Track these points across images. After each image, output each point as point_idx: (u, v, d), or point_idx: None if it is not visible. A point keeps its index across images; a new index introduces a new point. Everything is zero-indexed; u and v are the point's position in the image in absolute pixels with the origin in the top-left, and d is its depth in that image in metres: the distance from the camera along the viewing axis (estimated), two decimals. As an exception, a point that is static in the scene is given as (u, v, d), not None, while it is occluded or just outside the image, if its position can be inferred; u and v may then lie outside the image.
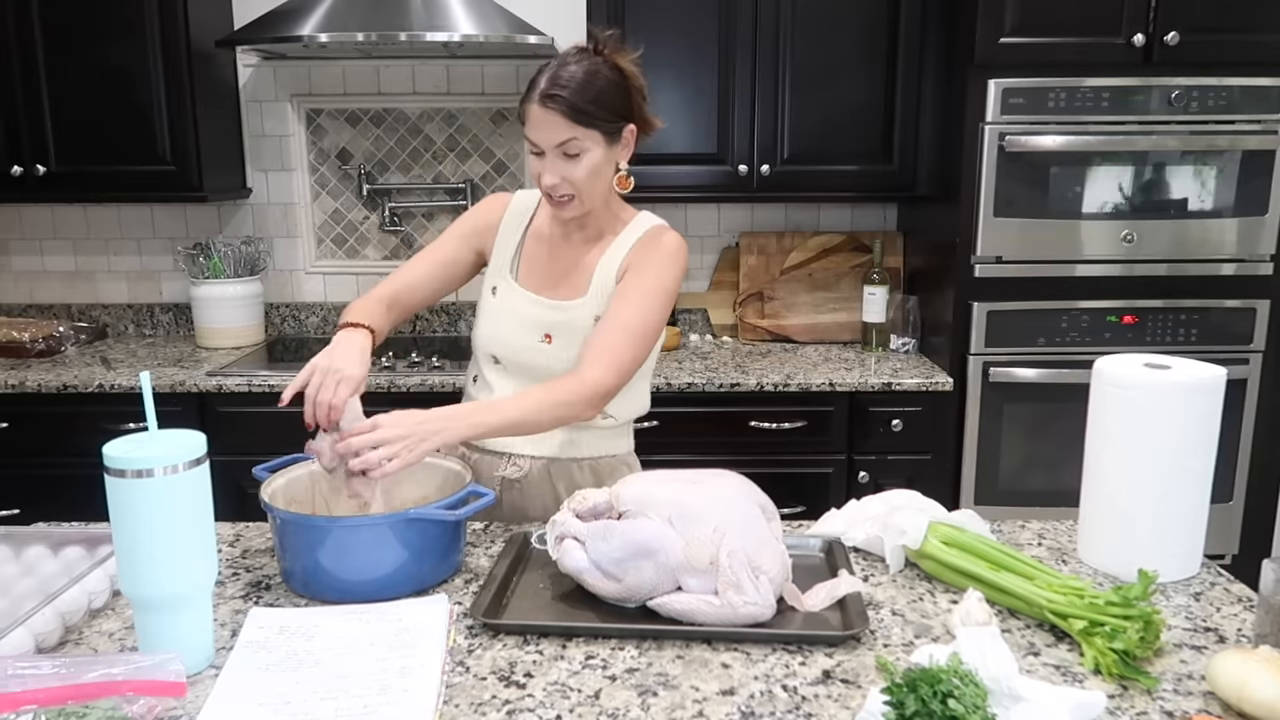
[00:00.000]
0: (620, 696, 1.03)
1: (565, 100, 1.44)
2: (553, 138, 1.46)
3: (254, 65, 3.06)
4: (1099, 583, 1.30)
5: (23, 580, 1.23)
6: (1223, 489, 2.67)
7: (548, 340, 1.60)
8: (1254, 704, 0.95)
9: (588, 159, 1.49)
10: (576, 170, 1.49)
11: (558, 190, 1.51)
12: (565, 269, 1.63)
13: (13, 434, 2.60)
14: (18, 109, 2.72)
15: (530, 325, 1.61)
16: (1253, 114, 2.51)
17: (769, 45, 2.71)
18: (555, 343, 1.59)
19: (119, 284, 3.21)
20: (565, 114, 1.45)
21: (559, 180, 1.49)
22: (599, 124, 1.48)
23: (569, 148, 1.47)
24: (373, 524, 1.25)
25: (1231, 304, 2.60)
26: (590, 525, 1.23)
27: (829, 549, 1.36)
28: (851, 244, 3.11)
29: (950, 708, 0.87)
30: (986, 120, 2.50)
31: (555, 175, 1.49)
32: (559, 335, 1.59)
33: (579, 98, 1.45)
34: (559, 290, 1.62)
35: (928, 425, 2.62)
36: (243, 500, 2.31)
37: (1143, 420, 1.27)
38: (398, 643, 1.12)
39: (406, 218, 3.16)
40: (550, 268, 1.64)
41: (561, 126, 1.45)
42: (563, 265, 1.63)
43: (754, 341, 3.08)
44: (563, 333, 1.59)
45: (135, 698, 0.94)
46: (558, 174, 1.49)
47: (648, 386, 1.73)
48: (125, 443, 1.05)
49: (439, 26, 2.57)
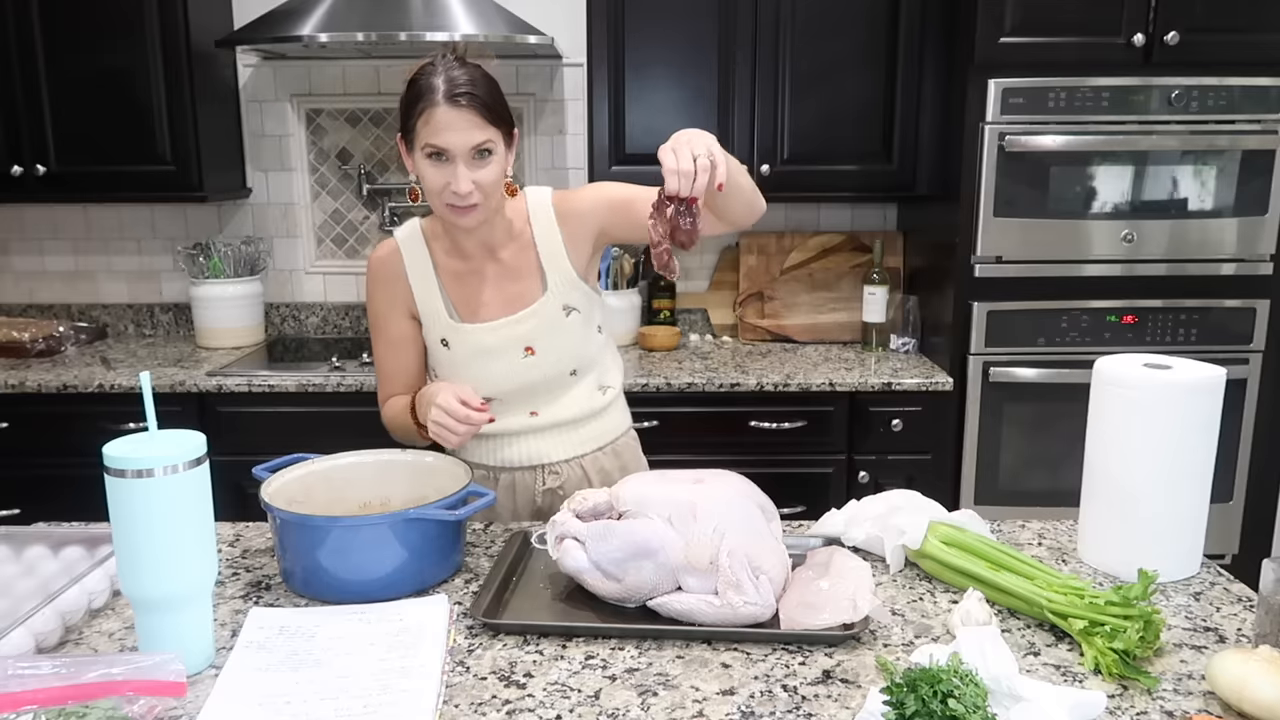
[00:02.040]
0: (620, 696, 1.03)
1: (478, 99, 1.39)
2: (468, 139, 1.39)
3: (254, 65, 3.06)
4: (1099, 583, 1.30)
5: (23, 580, 1.23)
6: (1223, 489, 2.67)
7: (530, 353, 1.57)
8: (1254, 704, 0.95)
9: (496, 160, 1.44)
10: (487, 173, 1.42)
11: (469, 198, 1.42)
12: (507, 284, 1.58)
13: (13, 434, 2.60)
14: (18, 109, 2.72)
15: (505, 350, 1.57)
16: (1253, 114, 2.51)
17: (769, 45, 2.71)
18: (539, 351, 1.58)
19: (119, 284, 3.21)
20: (480, 113, 1.39)
21: (472, 186, 1.41)
22: (502, 125, 1.44)
23: (483, 147, 1.41)
24: (373, 524, 1.25)
25: (1231, 304, 2.60)
26: (590, 525, 1.23)
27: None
28: (851, 244, 3.11)
29: (950, 708, 0.87)
30: (986, 120, 2.50)
31: (467, 181, 1.40)
32: (539, 341, 1.57)
33: (488, 95, 1.41)
34: (514, 303, 1.57)
35: (928, 425, 2.62)
36: (243, 500, 2.31)
37: (1143, 420, 1.27)
38: (398, 643, 1.13)
39: (406, 218, 3.15)
40: (491, 292, 1.58)
41: (477, 127, 1.39)
42: (502, 282, 1.58)
43: (754, 341, 3.08)
44: (540, 337, 1.57)
45: (135, 698, 0.94)
46: (470, 179, 1.41)
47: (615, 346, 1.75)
48: (125, 443, 1.05)
49: (439, 26, 2.57)
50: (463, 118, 1.39)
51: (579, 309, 1.59)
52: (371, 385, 2.54)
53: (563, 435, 1.65)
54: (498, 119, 1.43)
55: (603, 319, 1.68)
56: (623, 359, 2.78)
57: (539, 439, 1.64)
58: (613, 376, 1.70)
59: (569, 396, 1.63)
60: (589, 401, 1.65)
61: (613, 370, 1.71)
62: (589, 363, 1.64)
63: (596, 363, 1.66)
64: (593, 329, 1.64)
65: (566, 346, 1.59)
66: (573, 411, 1.64)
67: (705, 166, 1.25)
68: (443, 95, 1.39)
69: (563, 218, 1.57)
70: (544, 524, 1.32)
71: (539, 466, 1.65)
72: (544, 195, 1.60)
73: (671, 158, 1.26)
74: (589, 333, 1.62)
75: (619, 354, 1.76)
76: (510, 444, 1.65)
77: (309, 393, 2.55)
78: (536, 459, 1.65)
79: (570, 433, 1.65)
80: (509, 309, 1.58)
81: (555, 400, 1.62)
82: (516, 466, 1.65)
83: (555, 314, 1.57)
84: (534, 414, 1.63)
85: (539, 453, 1.65)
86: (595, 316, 1.64)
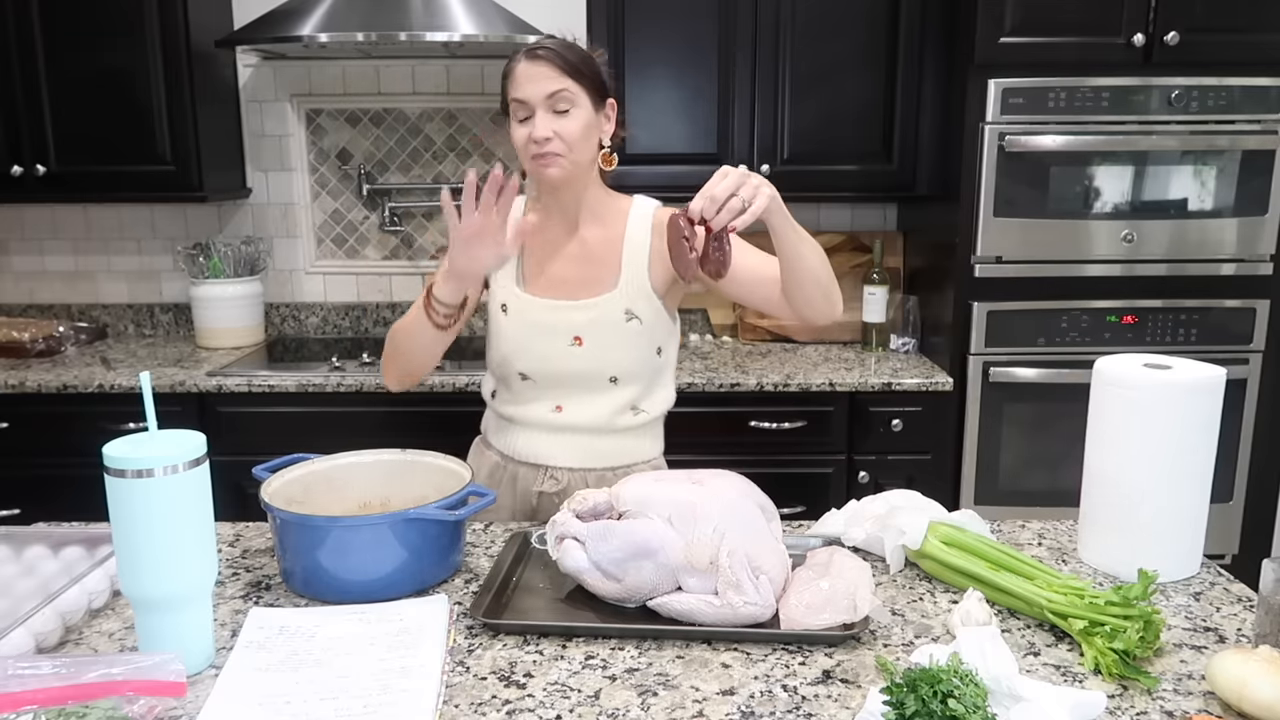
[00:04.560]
0: (620, 696, 1.03)
1: (555, 52, 1.45)
2: (544, 89, 1.45)
3: (254, 65, 3.06)
4: (1099, 583, 1.30)
5: (23, 580, 1.22)
6: (1223, 489, 2.67)
7: (578, 343, 1.56)
8: (1254, 704, 0.95)
9: (578, 114, 1.47)
10: (567, 124, 1.47)
11: (548, 146, 1.46)
12: (582, 266, 1.58)
13: (13, 434, 2.60)
14: (18, 109, 2.72)
15: (556, 332, 1.56)
16: (1253, 114, 2.51)
17: (769, 45, 2.72)
18: (587, 344, 1.56)
19: (119, 284, 3.21)
20: (556, 64, 1.45)
21: (551, 133, 1.46)
22: (586, 81, 1.48)
23: (559, 101, 1.45)
24: (373, 524, 1.25)
25: (1231, 304, 2.60)
26: (590, 525, 1.23)
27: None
28: (851, 244, 3.10)
29: (950, 708, 0.87)
30: (986, 120, 2.50)
31: (547, 129, 1.45)
32: (590, 335, 1.56)
33: (568, 52, 1.47)
34: (581, 289, 1.57)
35: (928, 425, 2.62)
36: (243, 500, 2.31)
37: (1143, 420, 1.27)
38: (398, 643, 1.12)
39: (406, 218, 3.16)
40: (564, 268, 1.59)
41: (552, 77, 1.45)
42: (577, 263, 1.58)
43: (754, 341, 3.08)
44: (593, 331, 1.56)
45: (135, 698, 0.94)
46: (550, 127, 1.46)
47: (672, 379, 1.71)
48: (125, 443, 1.05)
49: (439, 26, 2.57)
50: (538, 69, 1.45)
51: (642, 319, 1.57)
52: (371, 385, 2.54)
53: (577, 441, 1.61)
54: (577, 74, 1.47)
55: (669, 347, 1.65)
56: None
57: (551, 438, 1.62)
58: (654, 403, 1.65)
59: (598, 403, 1.60)
60: (617, 416, 1.61)
61: (658, 398, 1.66)
62: (633, 377, 1.60)
63: (641, 381, 1.62)
64: (651, 348, 1.61)
65: (615, 350, 1.57)
66: (596, 420, 1.60)
67: (735, 208, 1.27)
68: (524, 52, 1.47)
69: (659, 230, 1.57)
70: (543, 524, 1.32)
71: (542, 467, 1.63)
72: (651, 204, 1.63)
73: (715, 181, 1.28)
74: (645, 348, 1.60)
75: (672, 389, 1.71)
76: (522, 434, 1.63)
77: (309, 393, 2.55)
78: (542, 458, 1.63)
79: (586, 441, 1.62)
80: (573, 293, 1.57)
81: (583, 402, 1.59)
82: (521, 460, 1.64)
83: (616, 314, 1.56)
84: (558, 409, 1.60)
85: (546, 453, 1.62)
86: (659, 338, 1.62)
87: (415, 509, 1.26)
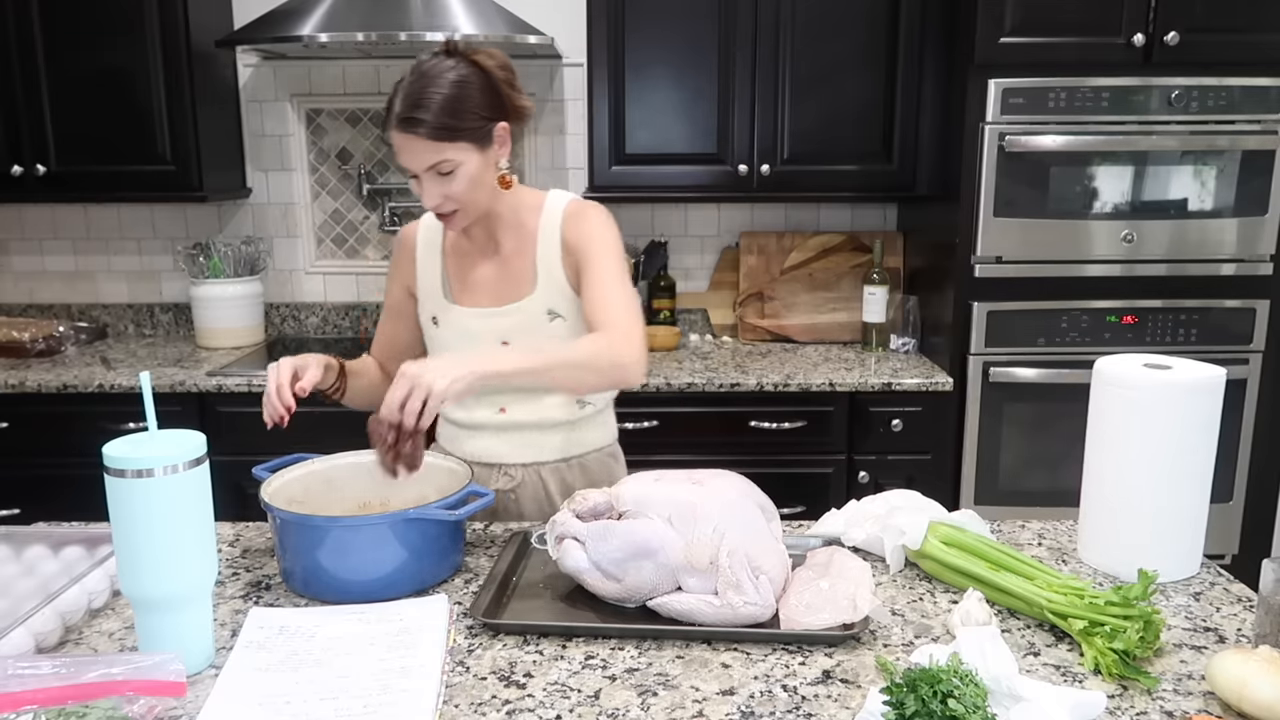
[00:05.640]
0: (620, 696, 1.03)
1: (424, 123, 1.38)
2: (422, 161, 1.42)
3: (254, 65, 3.06)
4: (1099, 583, 1.30)
5: (23, 580, 1.23)
6: (1223, 489, 2.67)
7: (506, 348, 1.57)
8: (1254, 704, 0.95)
9: (463, 172, 1.43)
10: (454, 186, 1.44)
11: (442, 208, 1.47)
12: (500, 272, 1.59)
13: (13, 434, 2.60)
14: (18, 109, 2.72)
15: (484, 340, 1.58)
16: (1253, 114, 2.51)
17: (769, 45, 2.72)
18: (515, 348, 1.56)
19: (119, 284, 3.21)
20: (427, 136, 1.39)
21: (441, 199, 1.45)
22: (465, 135, 1.42)
23: (440, 167, 1.42)
24: (373, 524, 1.25)
25: (1231, 304, 2.60)
26: (590, 525, 1.23)
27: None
28: (851, 244, 3.11)
29: (950, 708, 0.87)
30: (986, 120, 2.50)
31: (435, 196, 1.44)
32: (516, 339, 1.57)
33: (439, 115, 1.39)
34: (502, 295, 1.58)
35: (928, 425, 2.62)
36: (243, 500, 2.32)
37: (1143, 420, 1.27)
38: (398, 643, 1.12)
39: (407, 218, 3.16)
40: (484, 277, 1.60)
41: (426, 150, 1.40)
42: (496, 270, 1.59)
43: (754, 341, 3.08)
44: (520, 335, 1.57)
45: (135, 698, 0.94)
46: (437, 194, 1.44)
47: None
48: (125, 443, 1.05)
49: (439, 26, 2.57)
50: (412, 143, 1.41)
51: (565, 317, 1.57)
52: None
53: (526, 439, 1.62)
54: (454, 134, 1.40)
55: None
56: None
57: (500, 438, 1.63)
58: (597, 395, 1.66)
59: (541, 402, 1.61)
60: (562, 411, 1.62)
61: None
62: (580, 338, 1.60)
63: None
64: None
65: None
66: (541, 417, 1.61)
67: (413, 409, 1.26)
68: (395, 118, 1.40)
69: (570, 227, 1.56)
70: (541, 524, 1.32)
71: (495, 466, 1.64)
72: (564, 199, 1.60)
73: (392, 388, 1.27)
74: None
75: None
76: (472, 437, 1.64)
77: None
78: (494, 458, 1.63)
79: (534, 438, 1.62)
80: (498, 300, 1.58)
81: (526, 402, 1.61)
82: (475, 461, 1.64)
83: (539, 316, 1.56)
84: (502, 410, 1.61)
85: (496, 452, 1.63)
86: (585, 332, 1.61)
87: (415, 509, 1.26)
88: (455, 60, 1.43)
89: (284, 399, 1.41)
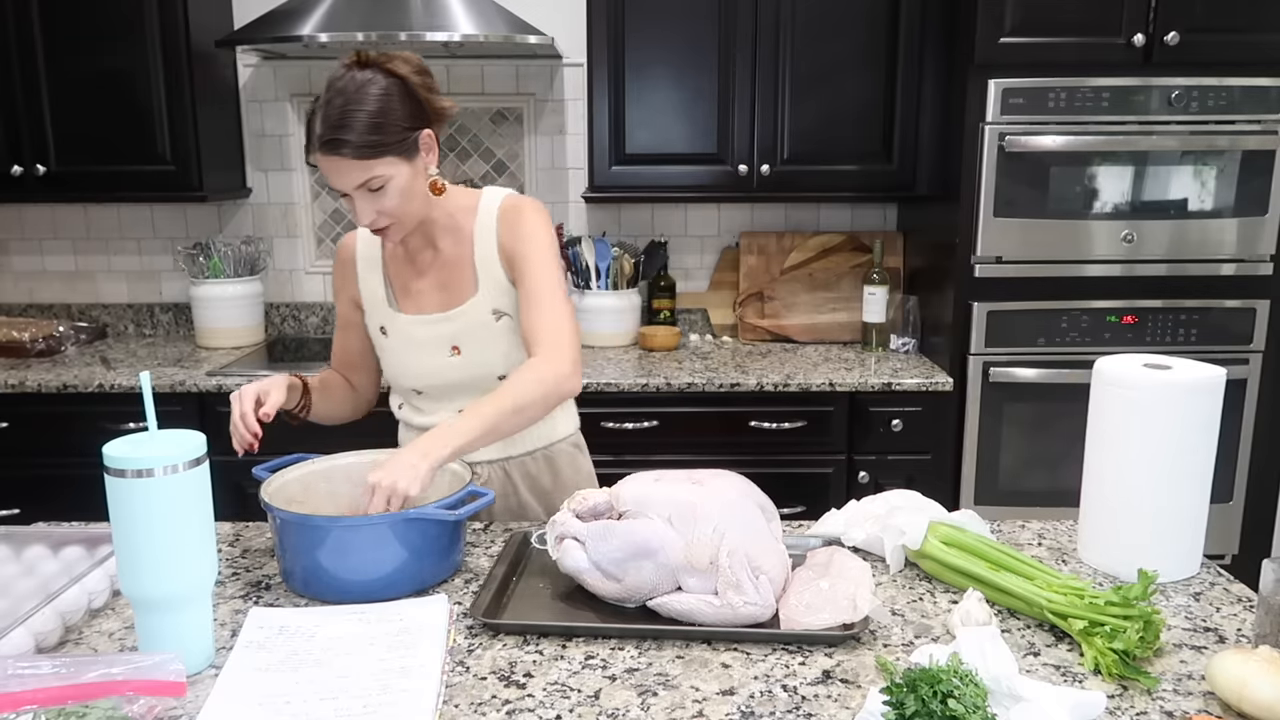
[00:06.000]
0: (620, 696, 1.03)
1: (347, 143, 1.36)
2: (351, 180, 1.40)
3: (254, 65, 3.06)
4: (1099, 583, 1.30)
5: (23, 580, 1.23)
6: (1223, 489, 2.67)
7: (456, 352, 1.57)
8: (1254, 704, 0.95)
9: (393, 186, 1.42)
10: (386, 201, 1.43)
11: (377, 224, 1.46)
12: (442, 277, 1.58)
13: (13, 434, 2.60)
14: (18, 109, 2.72)
15: (433, 346, 1.58)
16: (1253, 114, 2.51)
17: (769, 45, 2.72)
18: (465, 352, 1.57)
19: (119, 284, 3.21)
20: (353, 155, 1.37)
21: (375, 215, 1.44)
22: (391, 149, 1.40)
23: (370, 184, 1.41)
24: (373, 524, 1.25)
25: (1231, 304, 2.60)
26: (590, 525, 1.23)
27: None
28: (851, 244, 3.11)
29: (950, 708, 0.87)
30: (986, 120, 2.50)
31: (369, 213, 1.43)
32: (465, 342, 1.56)
33: (362, 133, 1.37)
34: (446, 300, 1.58)
35: (928, 425, 2.62)
36: (243, 500, 2.31)
37: (1143, 420, 1.27)
38: (398, 643, 1.13)
39: (406, 218, 3.16)
40: (427, 283, 1.59)
41: (353, 169, 1.38)
42: (437, 275, 1.59)
43: (754, 341, 3.08)
44: (467, 339, 1.56)
45: (135, 698, 0.94)
46: (371, 210, 1.43)
47: None
48: (125, 443, 1.05)
49: (439, 26, 2.57)
50: (337, 164, 1.39)
51: (510, 314, 1.57)
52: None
53: None
54: (379, 150, 1.38)
55: None
56: (620, 360, 2.80)
57: None
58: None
59: None
60: None
61: None
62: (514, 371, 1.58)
63: None
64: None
65: (495, 351, 1.57)
66: None
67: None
68: (318, 141, 1.38)
69: (504, 226, 1.55)
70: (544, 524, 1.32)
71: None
72: (498, 196, 1.58)
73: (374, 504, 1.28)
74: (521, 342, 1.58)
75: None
76: None
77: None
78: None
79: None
80: (442, 305, 1.58)
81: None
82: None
83: (484, 316, 1.56)
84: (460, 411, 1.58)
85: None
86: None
87: (415, 509, 1.26)
88: (370, 73, 1.40)
89: (249, 426, 1.43)
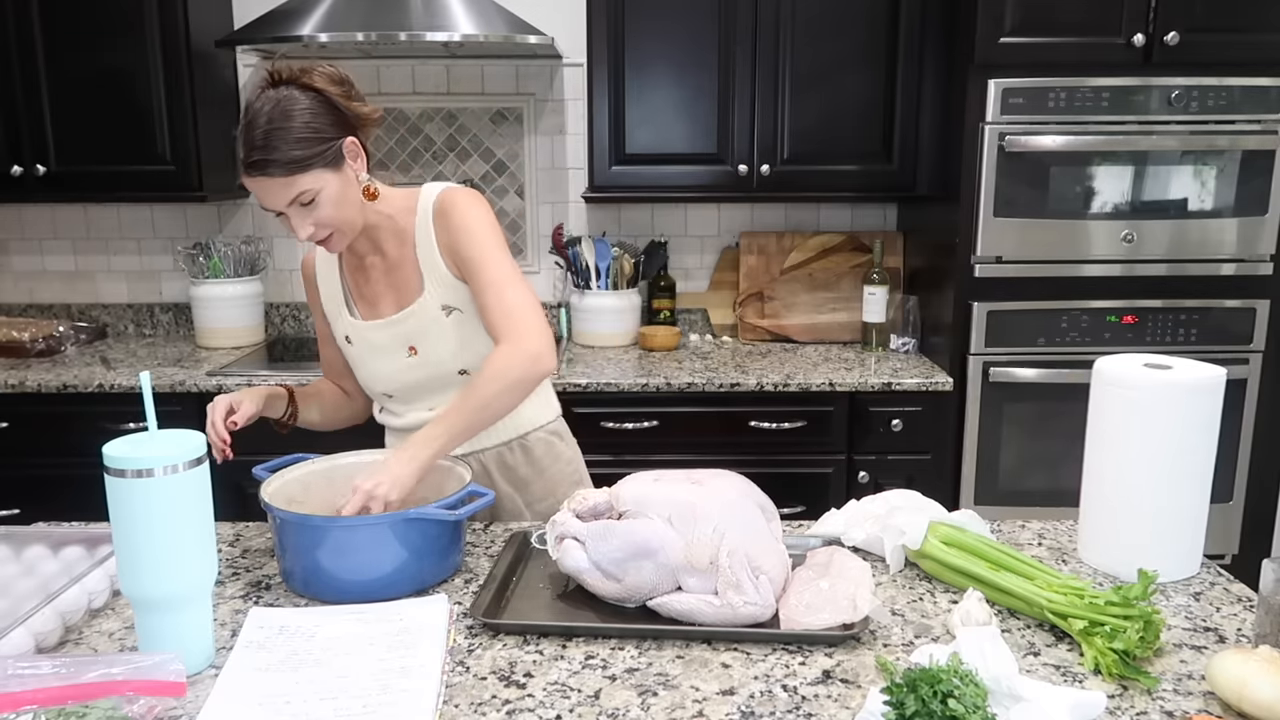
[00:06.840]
0: (620, 696, 1.03)
1: (271, 162, 1.37)
2: (281, 199, 1.41)
3: (254, 65, 3.05)
4: (1099, 583, 1.30)
5: (23, 580, 1.23)
6: (1223, 489, 2.67)
7: (413, 353, 1.57)
8: (1254, 704, 0.95)
9: (324, 197, 1.42)
10: (320, 213, 1.43)
11: (316, 236, 1.46)
12: (391, 280, 1.59)
13: (13, 434, 2.60)
14: (18, 109, 2.72)
15: (390, 350, 1.58)
16: (1253, 114, 2.51)
17: (769, 45, 2.72)
18: (421, 351, 1.57)
19: (119, 284, 3.21)
20: (279, 174, 1.38)
21: (312, 229, 1.44)
22: (315, 161, 1.40)
23: (301, 199, 1.41)
24: (373, 524, 1.25)
25: (1231, 304, 2.60)
26: (590, 525, 1.23)
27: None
28: (851, 244, 3.11)
29: (950, 708, 0.87)
30: (986, 120, 2.50)
31: (306, 227, 1.44)
32: (420, 341, 1.57)
33: (283, 151, 1.37)
34: (397, 302, 1.58)
35: (928, 425, 2.62)
36: (243, 500, 2.31)
37: (1143, 420, 1.27)
38: (398, 643, 1.13)
39: (406, 218, 3.16)
40: (377, 287, 1.60)
41: (281, 187, 1.39)
42: (387, 279, 1.59)
43: (754, 341, 3.08)
44: (422, 338, 1.56)
45: (135, 698, 0.94)
46: (307, 224, 1.43)
47: None
48: (125, 443, 1.05)
49: (439, 26, 2.57)
50: (265, 184, 1.39)
51: (461, 308, 1.56)
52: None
53: None
54: (303, 165, 1.39)
55: None
56: (620, 360, 2.79)
57: None
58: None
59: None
60: None
61: None
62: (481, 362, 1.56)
63: None
64: (482, 331, 1.57)
65: (449, 348, 1.57)
66: None
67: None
68: (243, 165, 1.39)
69: (440, 223, 1.55)
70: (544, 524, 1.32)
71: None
72: (432, 195, 1.58)
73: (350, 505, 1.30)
74: (477, 333, 1.57)
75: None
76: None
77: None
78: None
79: None
80: (394, 307, 1.59)
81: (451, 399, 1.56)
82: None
83: (434, 314, 1.56)
84: (432, 409, 1.60)
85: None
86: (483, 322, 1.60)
87: (415, 509, 1.26)
88: (286, 89, 1.41)
89: (219, 433, 1.46)
